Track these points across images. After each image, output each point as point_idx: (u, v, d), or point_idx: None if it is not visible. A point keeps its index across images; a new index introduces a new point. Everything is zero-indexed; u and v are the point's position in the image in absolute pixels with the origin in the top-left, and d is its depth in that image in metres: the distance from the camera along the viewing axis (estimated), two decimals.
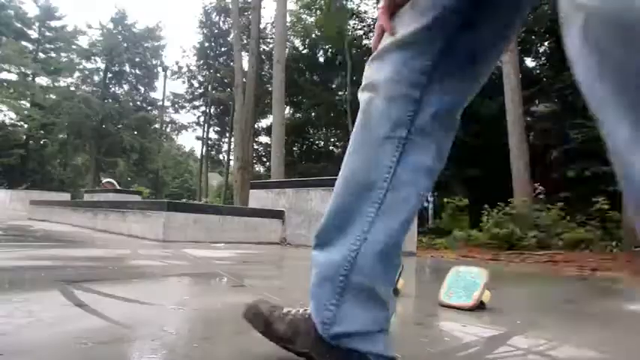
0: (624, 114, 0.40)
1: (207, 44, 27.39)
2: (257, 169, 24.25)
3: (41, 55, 28.60)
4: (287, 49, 11.64)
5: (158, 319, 1.25)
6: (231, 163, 22.61)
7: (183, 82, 28.70)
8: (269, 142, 20.35)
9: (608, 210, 7.96)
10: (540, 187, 7.80)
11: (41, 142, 28.64)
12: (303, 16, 21.92)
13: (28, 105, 26.22)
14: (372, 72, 0.85)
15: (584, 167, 10.48)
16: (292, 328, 0.87)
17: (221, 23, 27.08)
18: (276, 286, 2.13)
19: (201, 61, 27.75)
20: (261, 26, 18.28)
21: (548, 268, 4.02)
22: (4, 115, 26.10)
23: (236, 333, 1.15)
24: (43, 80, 27.95)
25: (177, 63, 31.66)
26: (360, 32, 19.56)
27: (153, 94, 31.82)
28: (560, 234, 6.91)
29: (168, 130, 32.03)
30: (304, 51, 22.10)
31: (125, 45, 29.49)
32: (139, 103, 31.26)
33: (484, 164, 13.26)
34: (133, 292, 1.67)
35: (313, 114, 21.06)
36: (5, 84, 25.14)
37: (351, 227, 0.82)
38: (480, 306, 1.61)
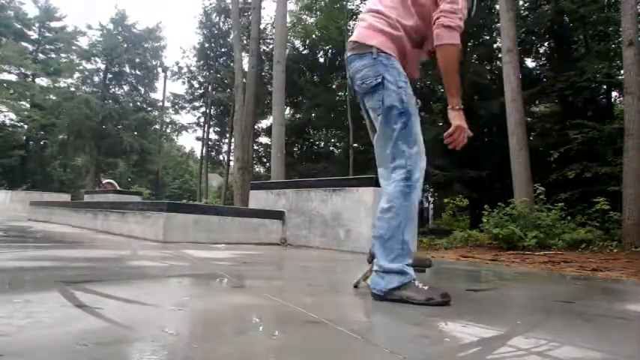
0: None
1: (207, 45, 27.36)
2: (257, 169, 24.25)
3: (41, 55, 28.66)
4: (287, 50, 11.63)
5: (158, 320, 1.25)
6: (232, 163, 22.62)
7: (183, 83, 28.67)
8: (269, 143, 20.34)
9: (608, 210, 7.96)
10: (540, 188, 7.79)
11: (41, 143, 28.69)
12: (304, 17, 21.93)
13: (28, 106, 26.26)
14: None
15: (584, 168, 10.48)
16: None
17: (221, 24, 27.06)
18: (276, 286, 2.13)
19: (201, 62, 27.72)
20: (262, 27, 18.29)
21: (549, 269, 4.02)
22: (4, 116, 26.19)
23: (236, 333, 1.14)
24: (43, 81, 28.03)
25: (177, 64, 31.48)
26: None
27: (153, 95, 31.85)
28: (560, 234, 6.91)
29: (168, 130, 32.00)
30: (304, 51, 22.07)
31: (125, 46, 29.49)
32: (139, 103, 31.25)
33: (484, 165, 13.25)
34: (133, 292, 1.67)
35: (313, 115, 21.01)
36: (5, 85, 25.17)
37: None
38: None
